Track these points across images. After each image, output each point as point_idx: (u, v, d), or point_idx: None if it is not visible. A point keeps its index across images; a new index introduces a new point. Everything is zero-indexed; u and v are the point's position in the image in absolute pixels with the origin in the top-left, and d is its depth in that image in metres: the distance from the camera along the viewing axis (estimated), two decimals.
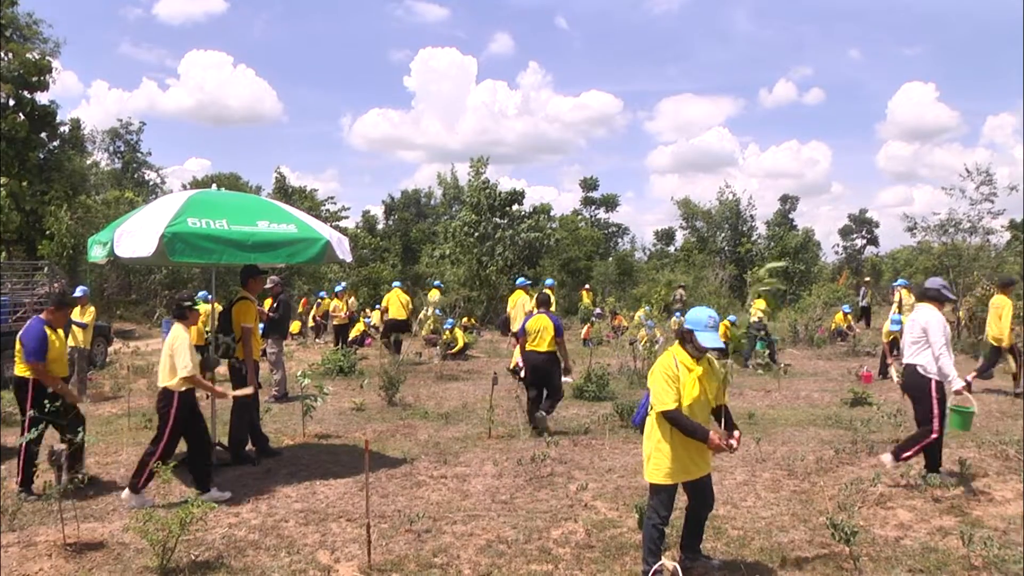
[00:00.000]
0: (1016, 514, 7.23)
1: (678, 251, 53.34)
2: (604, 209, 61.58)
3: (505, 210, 36.74)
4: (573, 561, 6.05)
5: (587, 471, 8.83)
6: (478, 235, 35.19)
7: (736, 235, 47.55)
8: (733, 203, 48.10)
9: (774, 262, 7.84)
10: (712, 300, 29.65)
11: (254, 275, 9.60)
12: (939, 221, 23.45)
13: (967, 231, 23.07)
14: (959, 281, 22.96)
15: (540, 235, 36.15)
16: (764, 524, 6.93)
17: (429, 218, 58.74)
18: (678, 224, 53.99)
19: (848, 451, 9.57)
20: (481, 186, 36.02)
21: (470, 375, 17.70)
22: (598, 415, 11.93)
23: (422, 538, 6.59)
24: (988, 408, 12.86)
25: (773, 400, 13.89)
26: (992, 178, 22.01)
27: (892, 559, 6.10)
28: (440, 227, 42.00)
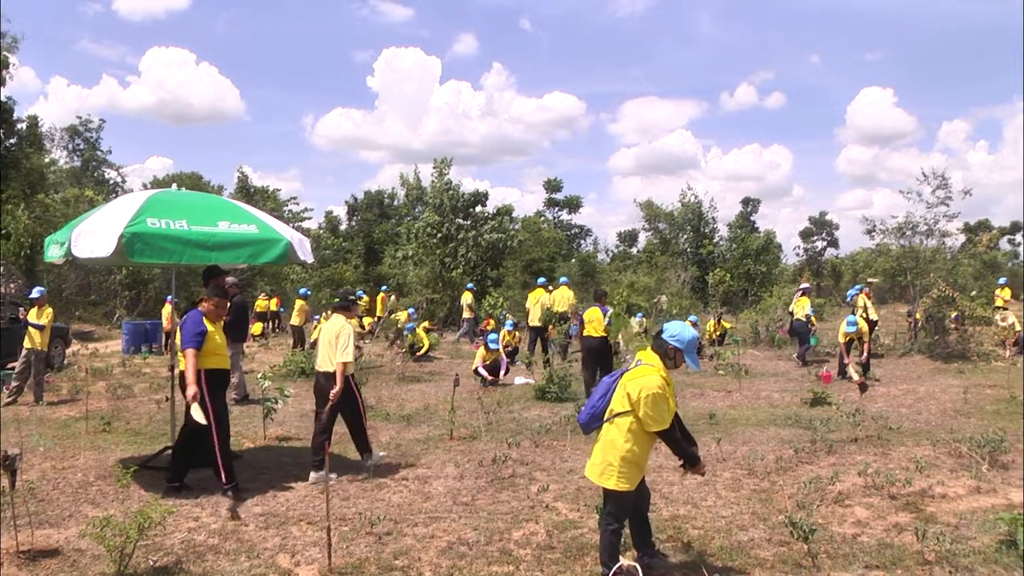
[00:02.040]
0: (968, 509, 7.38)
1: (640, 253, 53.64)
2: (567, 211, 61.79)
3: (468, 211, 36.73)
4: (534, 562, 6.06)
5: (548, 472, 8.86)
6: (441, 236, 35.15)
7: (698, 237, 47.73)
8: (695, 205, 48.31)
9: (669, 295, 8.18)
10: (675, 301, 29.81)
11: (216, 276, 9.53)
12: (897, 224, 23.63)
13: (924, 234, 23.30)
14: (916, 283, 23.23)
15: (503, 236, 36.17)
16: (724, 523, 6.99)
17: (392, 219, 58.53)
18: (641, 226, 54.27)
19: (807, 450, 9.69)
20: (444, 187, 35.98)
21: (432, 377, 17.69)
22: (560, 416, 11.95)
23: (383, 540, 6.58)
24: (942, 406, 13.07)
25: (734, 400, 14.00)
26: (947, 182, 22.24)
27: (849, 556, 6.19)
28: (403, 228, 41.83)
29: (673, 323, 5.64)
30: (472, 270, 34.89)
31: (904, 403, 13.67)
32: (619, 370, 5.84)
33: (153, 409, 13.17)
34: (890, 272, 26.74)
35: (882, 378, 16.72)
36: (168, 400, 9.14)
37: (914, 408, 13.12)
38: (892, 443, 10.23)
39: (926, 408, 13.09)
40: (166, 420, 10.23)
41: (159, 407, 13.07)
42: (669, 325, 5.63)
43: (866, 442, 10.25)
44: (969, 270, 23.80)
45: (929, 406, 13.27)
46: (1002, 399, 13.41)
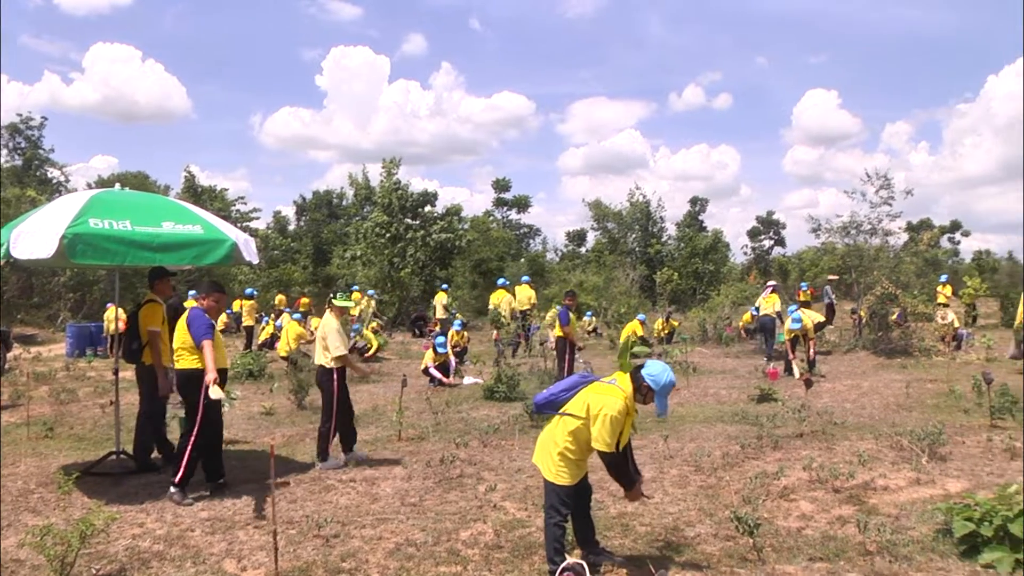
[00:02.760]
0: (908, 500, 7.52)
1: (589, 252, 53.85)
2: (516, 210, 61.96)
3: (417, 211, 36.62)
4: (482, 562, 6.05)
5: (496, 472, 8.86)
6: (390, 236, 34.99)
7: (646, 236, 48.08)
8: (643, 205, 48.64)
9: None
10: (623, 300, 29.96)
11: (160, 277, 9.38)
12: (842, 223, 24.03)
13: (868, 233, 23.69)
14: (861, 281, 23.62)
15: (452, 236, 36.11)
16: (671, 519, 7.04)
17: (341, 219, 58.17)
18: (589, 225, 54.51)
19: (754, 446, 9.79)
20: (393, 187, 35.82)
21: (380, 377, 17.59)
22: (508, 415, 11.97)
23: (330, 543, 6.53)
24: (885, 401, 13.30)
25: (682, 398, 14.08)
26: (890, 182, 22.67)
27: (794, 549, 6.26)
28: (352, 228, 41.60)
29: (656, 363, 5.59)
30: (421, 270, 34.80)
31: (849, 398, 13.89)
32: (593, 376, 5.89)
33: (98, 414, 12.94)
34: (836, 270, 27.11)
35: (827, 374, 16.97)
36: (112, 404, 8.99)
37: (858, 403, 13.34)
38: (836, 437, 10.37)
39: (870, 403, 13.31)
40: (111, 425, 10.08)
41: (104, 412, 12.87)
42: (651, 364, 5.58)
43: (811, 437, 10.38)
44: (911, 268, 24.18)
45: (873, 401, 13.50)
46: (942, 393, 13.68)
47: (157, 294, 9.35)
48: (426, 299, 32.79)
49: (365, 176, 41.33)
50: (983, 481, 8.09)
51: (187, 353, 8.22)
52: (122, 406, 9.68)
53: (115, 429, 9.29)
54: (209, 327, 8.16)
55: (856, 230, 23.79)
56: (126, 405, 10.15)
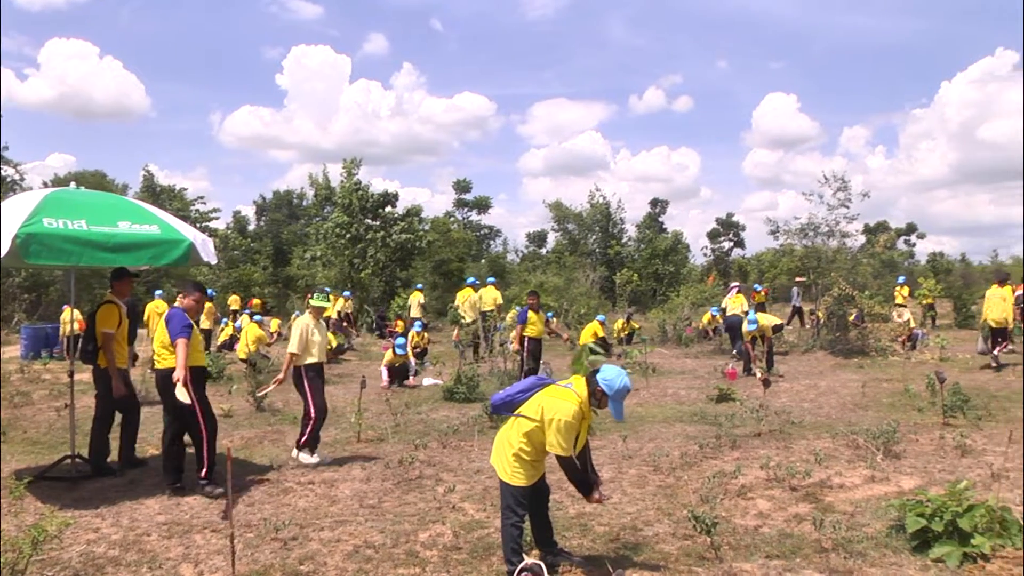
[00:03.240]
0: (863, 498, 7.62)
1: (550, 253, 53.96)
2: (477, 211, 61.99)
3: (377, 212, 36.51)
4: (440, 563, 6.04)
5: (455, 473, 8.85)
6: (350, 237, 34.86)
7: (607, 237, 48.27)
8: (603, 206, 48.83)
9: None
10: (583, 301, 30.06)
11: (121, 277, 9.27)
12: (800, 225, 24.26)
13: (825, 235, 23.94)
14: (819, 282, 23.88)
15: (412, 237, 36.04)
16: (630, 519, 7.07)
17: (301, 220, 57.78)
18: (550, 226, 54.63)
19: (712, 446, 9.84)
20: (353, 187, 35.69)
21: (340, 379, 17.51)
22: (468, 417, 11.94)
23: (288, 546, 6.47)
24: (842, 400, 13.44)
25: (641, 398, 14.15)
26: (847, 185, 22.92)
27: (751, 546, 6.31)
28: (312, 229, 41.35)
29: (611, 368, 5.57)
30: (381, 271, 34.71)
31: (806, 398, 14.03)
32: (550, 379, 5.90)
33: (53, 417, 12.75)
34: (794, 272, 27.36)
35: (786, 374, 17.14)
36: (68, 407, 8.87)
37: (816, 402, 13.48)
38: (794, 437, 10.47)
39: (827, 402, 13.45)
40: (66, 428, 9.93)
41: (59, 415, 12.67)
42: (606, 368, 5.56)
43: (769, 436, 10.47)
44: (868, 269, 24.50)
45: (830, 400, 13.64)
46: (897, 392, 13.85)
47: (116, 294, 9.25)
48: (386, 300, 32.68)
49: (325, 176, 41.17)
50: (935, 478, 8.21)
51: (168, 352, 8.26)
52: (77, 409, 9.56)
53: (70, 432, 9.15)
54: (186, 326, 8.23)
55: (814, 232, 24.02)
56: (82, 408, 10.05)
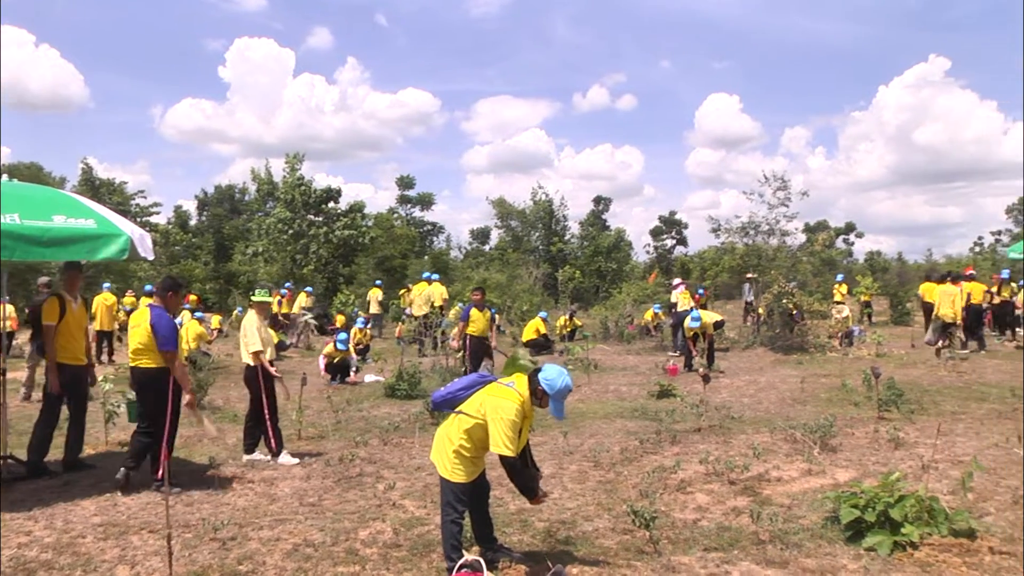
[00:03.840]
0: (800, 491, 7.74)
1: (493, 250, 53.96)
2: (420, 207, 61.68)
3: (320, 207, 36.28)
4: (380, 561, 6.02)
5: (396, 470, 8.82)
6: (292, 233, 34.63)
7: (550, 234, 48.43)
8: (547, 203, 48.98)
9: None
10: (526, 297, 30.12)
11: (71, 270, 9.09)
12: (741, 224, 24.55)
13: (766, 233, 24.26)
14: (759, 279, 24.20)
15: (355, 233, 35.86)
16: (570, 514, 7.10)
17: (243, 214, 57.11)
18: (493, 223, 54.66)
19: (652, 441, 9.94)
20: (296, 182, 35.45)
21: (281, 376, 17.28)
22: (409, 413, 11.92)
23: (227, 546, 6.39)
24: (781, 396, 13.63)
25: (583, 394, 14.22)
26: (787, 184, 23.29)
27: (690, 540, 6.37)
28: (254, 224, 40.96)
29: (552, 367, 5.57)
30: (323, 267, 34.49)
31: (746, 393, 14.20)
32: (492, 375, 5.90)
33: None
34: (736, 269, 27.68)
35: (726, 370, 17.34)
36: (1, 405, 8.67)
37: (755, 398, 13.65)
38: (733, 431, 10.61)
39: (766, 397, 13.63)
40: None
41: None
42: (548, 368, 5.56)
43: (709, 431, 10.59)
44: (808, 267, 24.87)
45: (769, 395, 13.83)
46: (834, 387, 14.07)
47: (66, 288, 9.05)
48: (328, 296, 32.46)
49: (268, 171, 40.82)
50: (869, 470, 8.38)
51: (149, 352, 8.20)
52: (10, 408, 9.37)
53: (2, 432, 8.95)
54: (175, 333, 8.38)
55: (755, 230, 24.33)
56: (14, 408, 9.84)
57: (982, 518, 6.74)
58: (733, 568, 5.75)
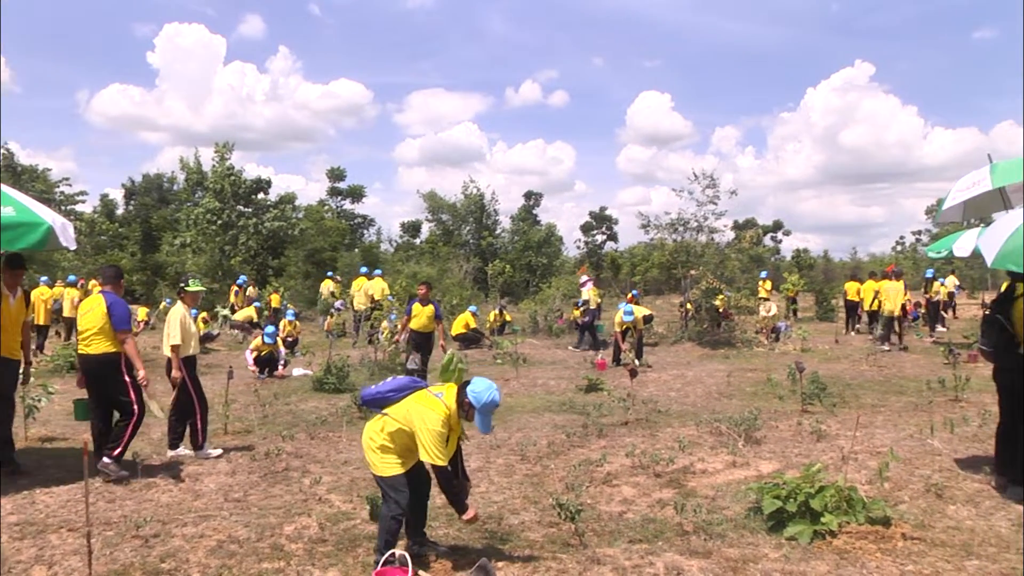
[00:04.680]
0: (724, 482, 7.87)
1: (423, 243, 53.78)
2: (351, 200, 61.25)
3: (250, 198, 35.83)
4: (305, 556, 5.98)
5: (323, 464, 8.78)
6: (221, 223, 34.12)
7: (480, 228, 48.44)
8: (477, 197, 48.99)
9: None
10: (456, 291, 30.11)
11: (7, 266, 8.84)
12: (670, 220, 24.80)
13: (695, 230, 24.54)
14: (688, 275, 24.50)
15: (285, 225, 35.50)
16: (496, 508, 7.12)
17: (171, 204, 56.01)
18: (424, 217, 54.48)
19: (579, 434, 10.02)
20: (226, 172, 34.94)
21: (209, 369, 17.08)
22: (337, 407, 11.86)
23: (149, 543, 6.28)
24: (708, 390, 13.82)
25: (511, 388, 14.27)
26: (716, 182, 23.60)
27: (615, 532, 6.45)
28: (182, 214, 40.25)
29: (481, 381, 5.55)
30: (252, 259, 34.08)
31: (673, 387, 14.36)
32: (423, 382, 5.86)
33: None
34: (665, 265, 27.95)
35: (654, 364, 17.52)
36: None
37: (682, 392, 13.82)
38: (660, 425, 10.73)
39: (693, 391, 13.81)
40: None
41: None
42: (476, 381, 5.54)
43: (636, 425, 10.70)
44: (736, 264, 25.22)
45: (696, 389, 14.01)
46: (760, 381, 14.34)
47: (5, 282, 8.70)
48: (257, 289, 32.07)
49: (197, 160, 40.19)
50: (792, 462, 8.53)
51: (103, 337, 8.22)
52: None
53: None
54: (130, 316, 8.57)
55: (684, 227, 24.61)
56: None
57: (897, 506, 6.94)
58: (657, 559, 5.82)
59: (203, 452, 9.19)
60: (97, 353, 8.25)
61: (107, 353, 8.24)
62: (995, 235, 7.29)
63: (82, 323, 8.36)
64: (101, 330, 8.20)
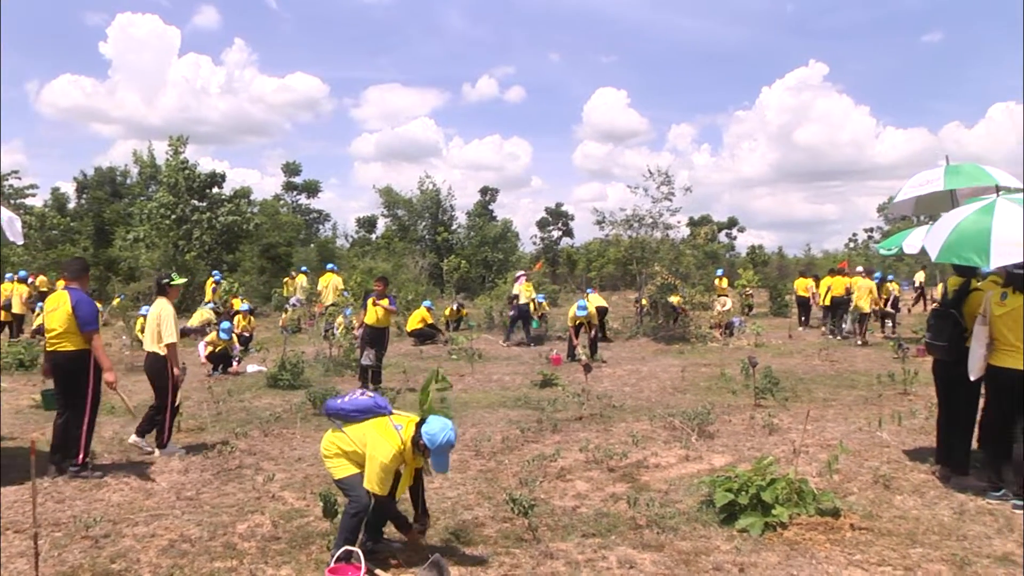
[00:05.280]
0: (677, 476, 7.95)
1: (379, 239, 53.60)
2: (306, 195, 60.92)
3: (204, 192, 35.47)
4: (258, 555, 5.93)
5: (276, 461, 8.72)
6: (175, 218, 33.73)
7: (436, 224, 48.36)
8: (434, 193, 48.91)
9: None
10: (411, 287, 30.03)
11: None
12: (625, 216, 24.91)
13: (650, 226, 24.68)
14: (643, 271, 24.65)
15: (239, 219, 35.18)
16: (450, 504, 7.12)
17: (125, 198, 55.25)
18: (380, 212, 54.29)
19: (534, 430, 10.06)
20: (180, 166, 34.53)
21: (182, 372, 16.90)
22: (291, 404, 11.81)
23: (100, 544, 6.19)
24: (662, 384, 13.91)
25: (467, 384, 14.28)
26: (671, 179, 23.79)
27: (569, 526, 6.47)
28: (135, 208, 39.76)
29: (437, 421, 5.52)
30: (207, 254, 33.75)
31: (628, 382, 14.45)
32: (387, 408, 5.78)
33: None
34: (621, 261, 28.08)
35: (609, 360, 17.60)
36: None
37: (636, 387, 13.90)
38: (614, 420, 10.80)
39: (647, 386, 13.90)
40: None
41: None
42: (432, 421, 5.51)
43: (590, 420, 10.77)
44: (691, 260, 25.42)
45: (650, 384, 14.10)
46: (714, 376, 14.46)
47: None
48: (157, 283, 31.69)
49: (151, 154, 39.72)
50: (744, 455, 8.66)
51: (70, 336, 8.12)
52: None
53: None
54: (96, 314, 8.36)
55: (638, 223, 24.73)
56: None
57: (846, 497, 7.08)
58: (610, 553, 5.87)
59: (168, 451, 9.14)
60: (66, 351, 8.15)
61: (76, 351, 8.16)
62: (939, 231, 7.44)
63: (48, 321, 8.26)
64: (67, 330, 8.12)
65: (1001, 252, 6.69)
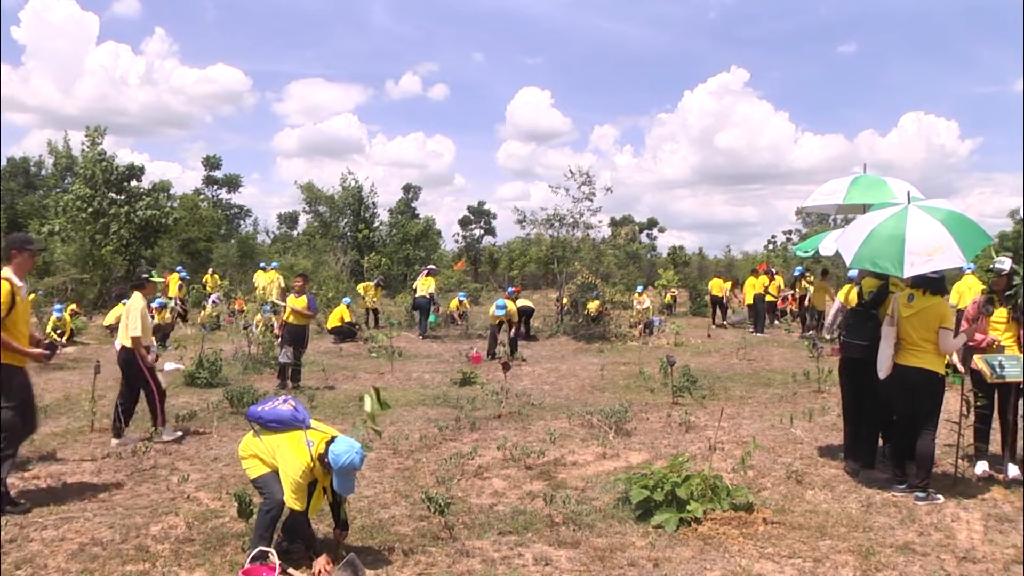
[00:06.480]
0: (594, 474, 8.05)
1: (301, 235, 53.13)
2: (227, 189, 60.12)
3: (122, 185, 34.63)
4: (172, 557, 5.84)
5: (192, 461, 8.60)
6: (92, 211, 32.82)
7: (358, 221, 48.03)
8: (356, 190, 48.55)
9: None
10: (332, 284, 29.78)
11: (22, 249, 8.30)
12: (546, 216, 25.05)
13: (570, 225, 24.86)
14: (564, 270, 24.84)
15: (159, 213, 34.45)
16: (367, 503, 7.10)
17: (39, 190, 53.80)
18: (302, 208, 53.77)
19: (452, 428, 10.07)
20: (97, 158, 33.63)
21: (77, 364, 16.59)
22: (209, 402, 11.66)
23: (4, 549, 6.02)
24: (581, 383, 14.04)
25: (386, 382, 14.21)
26: (592, 179, 24.01)
27: (485, 524, 6.51)
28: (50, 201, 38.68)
29: (344, 442, 5.49)
30: (125, 248, 32.99)
31: (547, 381, 14.54)
32: (304, 421, 5.69)
33: None
34: (543, 260, 28.23)
35: (529, 358, 17.67)
36: None
37: (556, 385, 14.01)
38: (532, 418, 10.88)
39: (567, 385, 14.01)
40: None
41: None
42: (339, 442, 5.49)
43: (508, 418, 10.83)
44: (613, 260, 25.67)
45: (570, 383, 14.21)
46: (633, 374, 14.64)
47: (16, 272, 8.06)
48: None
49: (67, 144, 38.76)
50: (661, 452, 8.79)
51: None
52: None
53: None
54: None
55: (559, 223, 24.89)
56: None
57: (759, 493, 7.27)
58: (526, 550, 5.92)
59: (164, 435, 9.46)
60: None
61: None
62: (851, 237, 7.63)
63: None
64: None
65: (914, 262, 6.92)
